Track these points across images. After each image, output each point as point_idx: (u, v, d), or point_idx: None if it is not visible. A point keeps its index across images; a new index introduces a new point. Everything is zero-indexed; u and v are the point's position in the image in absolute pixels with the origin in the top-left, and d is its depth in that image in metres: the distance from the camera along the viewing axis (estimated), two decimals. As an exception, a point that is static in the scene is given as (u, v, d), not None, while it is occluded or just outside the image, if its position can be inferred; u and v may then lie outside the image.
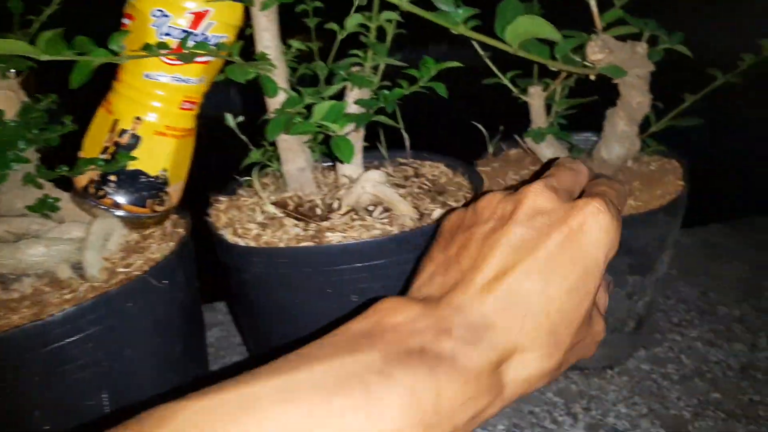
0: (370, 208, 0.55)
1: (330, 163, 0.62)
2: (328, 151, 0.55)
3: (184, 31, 0.46)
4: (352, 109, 0.55)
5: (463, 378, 0.25)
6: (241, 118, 0.56)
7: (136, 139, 0.50)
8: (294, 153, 0.56)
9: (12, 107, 0.48)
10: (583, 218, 0.28)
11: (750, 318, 0.67)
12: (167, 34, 0.46)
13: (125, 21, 0.48)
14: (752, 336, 0.65)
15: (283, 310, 0.52)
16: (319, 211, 0.56)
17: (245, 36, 0.52)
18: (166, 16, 0.46)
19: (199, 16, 0.46)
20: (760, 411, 0.56)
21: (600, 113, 0.60)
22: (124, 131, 0.49)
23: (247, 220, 0.53)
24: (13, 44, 0.36)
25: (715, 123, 0.72)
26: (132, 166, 0.50)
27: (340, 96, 0.56)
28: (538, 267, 0.27)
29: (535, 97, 0.58)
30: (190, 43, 0.46)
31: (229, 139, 0.57)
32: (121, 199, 0.50)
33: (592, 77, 0.52)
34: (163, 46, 0.43)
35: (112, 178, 0.50)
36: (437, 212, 0.54)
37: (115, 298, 0.44)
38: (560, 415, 0.58)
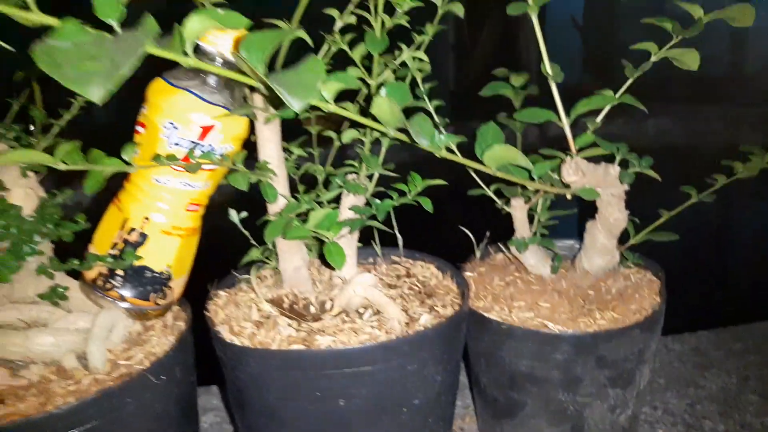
0: (361, 310, 0.56)
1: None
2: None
3: (193, 142, 0.50)
4: (347, 213, 0.58)
5: None
6: (244, 214, 0.58)
7: (143, 237, 0.52)
8: (291, 253, 0.58)
9: (31, 203, 0.51)
10: None
11: (734, 433, 0.66)
12: (176, 144, 0.50)
13: (139, 129, 0.52)
14: (736, 452, 0.63)
15: (273, 411, 0.52)
16: (313, 310, 0.57)
17: (251, 143, 0.55)
18: (176, 128, 0.49)
19: (206, 129, 0.50)
20: None
21: (582, 218, 0.62)
22: (132, 229, 0.52)
23: (243, 318, 0.54)
24: (36, 155, 0.39)
25: (695, 232, 0.73)
26: (138, 262, 0.52)
27: (336, 200, 0.58)
28: None
29: (518, 209, 0.60)
30: (197, 153, 0.49)
31: (231, 229, 0.58)
32: (126, 292, 0.52)
33: (569, 197, 0.54)
34: (172, 158, 0.47)
35: (120, 272, 0.52)
36: (424, 317, 0.54)
37: (115, 394, 0.44)
38: None
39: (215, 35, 0.48)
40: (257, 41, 0.36)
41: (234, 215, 0.58)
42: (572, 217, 0.64)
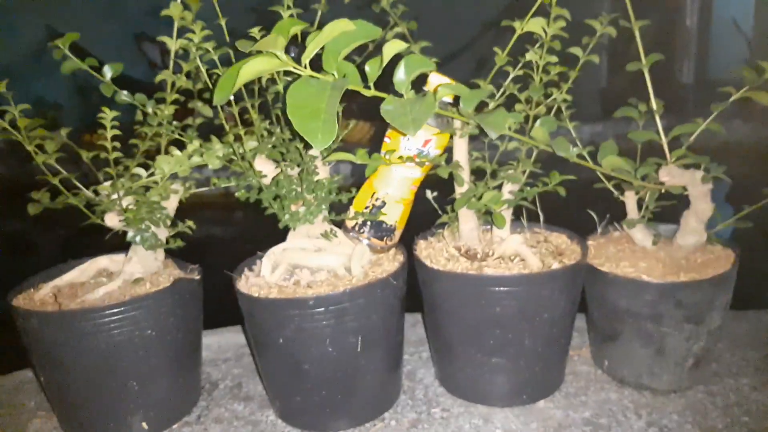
0: (512, 258, 0.82)
1: (486, 227, 0.90)
2: (488, 218, 0.84)
3: (419, 149, 0.79)
4: (507, 196, 0.84)
5: None
6: (435, 193, 0.86)
7: (383, 203, 0.82)
8: (468, 218, 0.85)
9: (325, 175, 0.83)
10: None
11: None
12: (409, 150, 0.79)
13: (386, 140, 0.82)
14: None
15: (455, 312, 0.80)
16: (479, 256, 0.84)
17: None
18: (409, 140, 0.79)
19: (426, 141, 0.79)
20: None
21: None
22: (378, 198, 0.82)
23: (438, 255, 0.82)
24: (352, 156, 0.70)
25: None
26: (379, 218, 0.83)
27: (499, 187, 0.84)
28: None
29: (629, 198, 0.82)
30: (423, 155, 0.78)
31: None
32: (371, 235, 0.83)
33: (663, 191, 0.75)
34: (410, 159, 0.76)
35: (369, 223, 0.83)
36: (555, 265, 0.79)
37: (372, 287, 0.75)
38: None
39: (430, 82, 0.77)
40: (470, 96, 0.63)
41: (429, 194, 0.86)
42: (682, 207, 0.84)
